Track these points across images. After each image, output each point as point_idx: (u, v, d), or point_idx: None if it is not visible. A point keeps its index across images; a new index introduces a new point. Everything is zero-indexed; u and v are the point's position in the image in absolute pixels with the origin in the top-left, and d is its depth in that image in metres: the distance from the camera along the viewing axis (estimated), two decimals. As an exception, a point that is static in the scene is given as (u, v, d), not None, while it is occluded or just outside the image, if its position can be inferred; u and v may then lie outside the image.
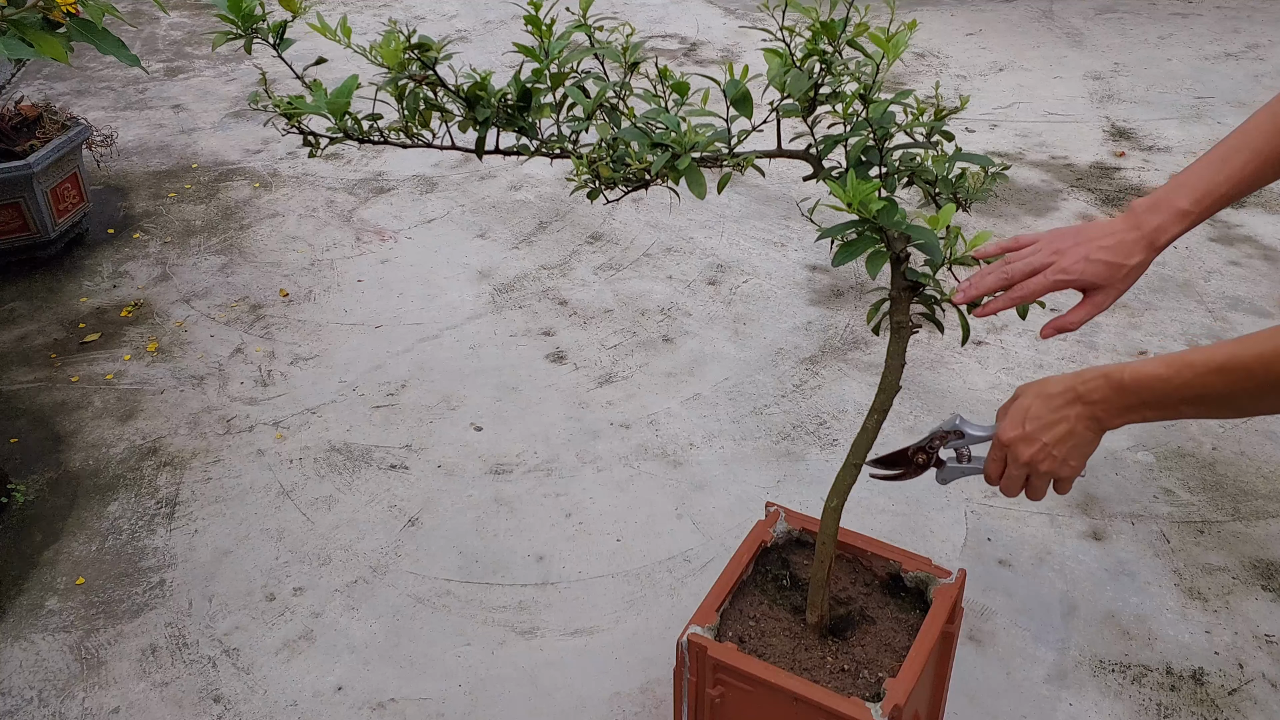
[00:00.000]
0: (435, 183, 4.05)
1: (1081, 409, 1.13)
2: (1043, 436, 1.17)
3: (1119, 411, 1.11)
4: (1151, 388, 1.07)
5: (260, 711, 2.00)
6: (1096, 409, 1.12)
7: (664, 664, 2.07)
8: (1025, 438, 1.18)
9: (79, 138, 3.44)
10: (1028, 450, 1.18)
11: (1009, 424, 1.20)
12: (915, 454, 1.40)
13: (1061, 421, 1.15)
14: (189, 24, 5.91)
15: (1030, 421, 1.18)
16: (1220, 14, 5.75)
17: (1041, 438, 1.17)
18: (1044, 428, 1.17)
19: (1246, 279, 3.32)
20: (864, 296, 3.28)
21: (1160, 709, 1.97)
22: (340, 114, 1.31)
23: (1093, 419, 1.13)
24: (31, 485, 2.56)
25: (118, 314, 3.25)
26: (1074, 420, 1.14)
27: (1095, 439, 1.16)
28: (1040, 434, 1.17)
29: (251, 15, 1.27)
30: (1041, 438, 1.17)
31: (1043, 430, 1.17)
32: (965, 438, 1.35)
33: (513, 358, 3.02)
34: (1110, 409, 1.11)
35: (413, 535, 2.40)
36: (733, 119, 1.30)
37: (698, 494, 2.50)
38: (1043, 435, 1.17)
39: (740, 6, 6.05)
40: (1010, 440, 1.20)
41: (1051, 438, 1.16)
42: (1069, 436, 1.15)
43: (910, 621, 1.56)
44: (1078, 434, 1.15)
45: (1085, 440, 1.15)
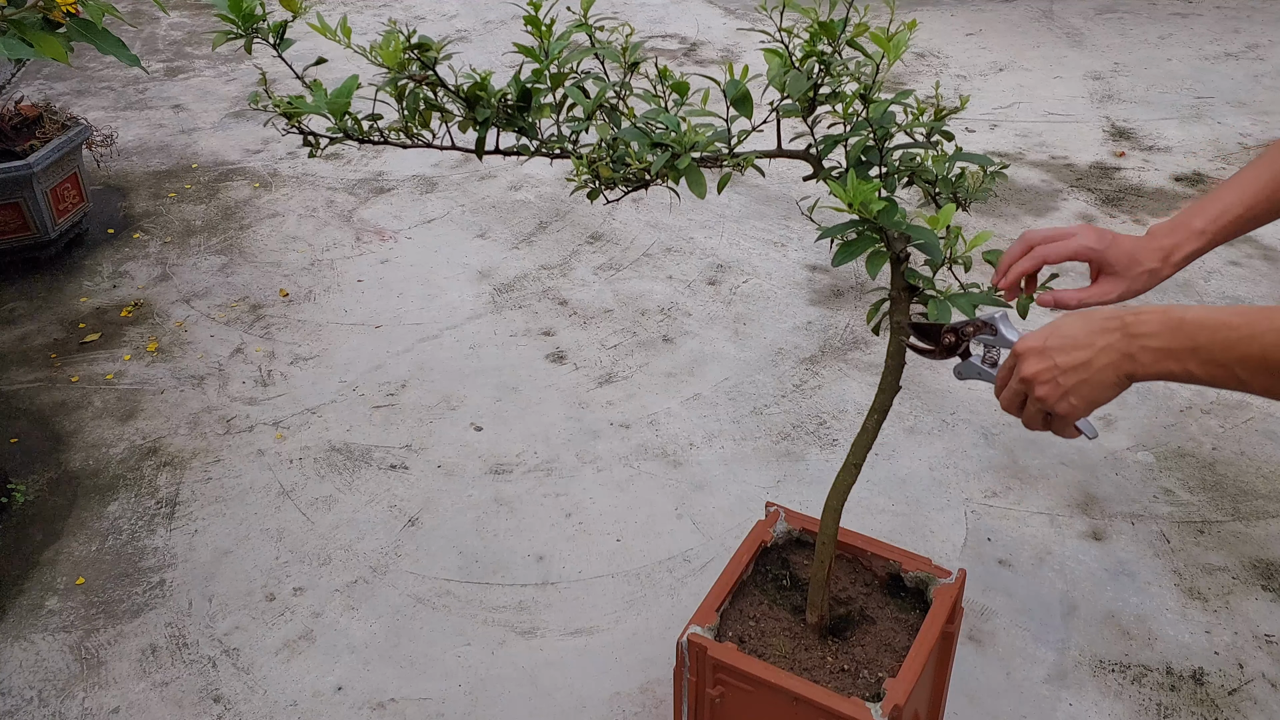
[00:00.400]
0: (435, 183, 4.05)
1: (1119, 339, 0.98)
2: (1057, 356, 1.02)
3: (1162, 355, 0.95)
4: (1214, 334, 0.91)
5: (260, 711, 2.00)
6: (1136, 343, 0.97)
7: (664, 664, 2.07)
8: (1039, 350, 1.03)
9: (79, 138, 3.44)
10: (1034, 365, 1.04)
11: (1033, 333, 1.06)
12: (947, 333, 1.28)
13: (1087, 348, 1.00)
14: (189, 24, 5.91)
15: (1055, 337, 1.03)
16: (1220, 14, 5.75)
17: (1055, 357, 1.02)
18: (1064, 347, 1.01)
19: (1246, 279, 3.32)
20: (864, 296, 3.28)
21: (1160, 709, 1.97)
22: (340, 114, 1.31)
23: (1125, 355, 0.98)
24: (31, 485, 2.56)
25: (118, 314, 3.25)
26: (1102, 350, 0.99)
27: (1114, 384, 1.00)
28: (1056, 353, 1.02)
29: (252, 15, 1.27)
30: (1055, 357, 1.02)
31: (1061, 350, 1.02)
32: (997, 336, 1.22)
33: (513, 358, 3.02)
34: (1153, 348, 0.96)
35: (413, 535, 2.40)
36: (733, 119, 1.30)
37: (698, 494, 2.50)
38: (1057, 355, 1.02)
39: (740, 6, 6.05)
40: (1024, 350, 1.05)
41: (1066, 361, 1.01)
42: (1084, 367, 1.00)
43: (910, 621, 1.56)
44: (1096, 369, 1.00)
45: (1101, 380, 1.00)
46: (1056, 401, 1.03)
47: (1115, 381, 1.00)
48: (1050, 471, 2.55)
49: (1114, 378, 0.99)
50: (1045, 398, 1.04)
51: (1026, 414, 1.09)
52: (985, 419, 2.72)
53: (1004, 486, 2.50)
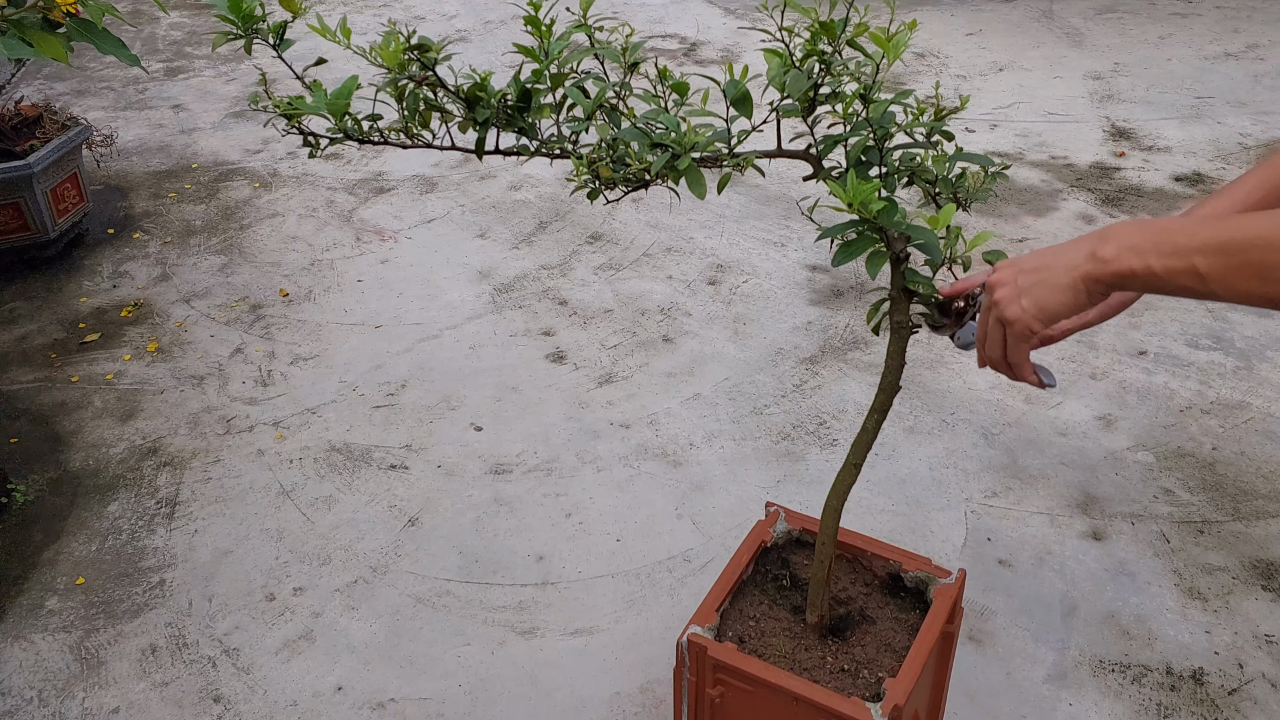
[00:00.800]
0: (435, 183, 4.05)
1: (1087, 241, 0.96)
2: (1023, 263, 0.99)
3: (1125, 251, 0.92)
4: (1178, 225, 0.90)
5: (260, 711, 2.00)
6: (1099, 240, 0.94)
7: (664, 664, 2.07)
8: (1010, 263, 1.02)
9: (79, 138, 3.44)
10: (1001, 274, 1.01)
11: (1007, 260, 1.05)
12: (956, 304, 1.26)
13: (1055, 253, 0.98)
14: (189, 24, 5.91)
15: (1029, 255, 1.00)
16: (1220, 14, 5.75)
17: (1021, 264, 0.99)
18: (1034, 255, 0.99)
19: (1246, 279, 3.31)
20: (864, 296, 3.28)
21: (1160, 709, 1.97)
22: (340, 115, 1.31)
23: (1088, 254, 0.95)
24: (31, 485, 2.56)
25: (118, 314, 3.25)
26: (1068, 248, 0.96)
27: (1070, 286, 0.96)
28: (1024, 260, 0.99)
29: (251, 16, 1.27)
30: (1021, 264, 0.99)
31: (1030, 258, 0.99)
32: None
33: (513, 358, 3.02)
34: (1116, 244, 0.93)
35: (413, 535, 2.40)
36: (732, 119, 1.30)
37: (698, 494, 2.50)
38: (1024, 262, 0.99)
39: (740, 6, 6.05)
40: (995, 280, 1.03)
41: (1030, 264, 0.98)
42: (1045, 268, 0.97)
43: (910, 621, 1.56)
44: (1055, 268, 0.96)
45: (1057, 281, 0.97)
46: (1009, 305, 1.00)
47: (1070, 283, 0.96)
48: (1050, 471, 2.55)
49: (1069, 279, 0.96)
50: (1000, 301, 1.01)
51: (990, 338, 1.06)
52: (985, 419, 2.72)
53: (1004, 486, 2.50)
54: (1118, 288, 0.94)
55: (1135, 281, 0.92)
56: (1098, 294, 0.96)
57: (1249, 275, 0.85)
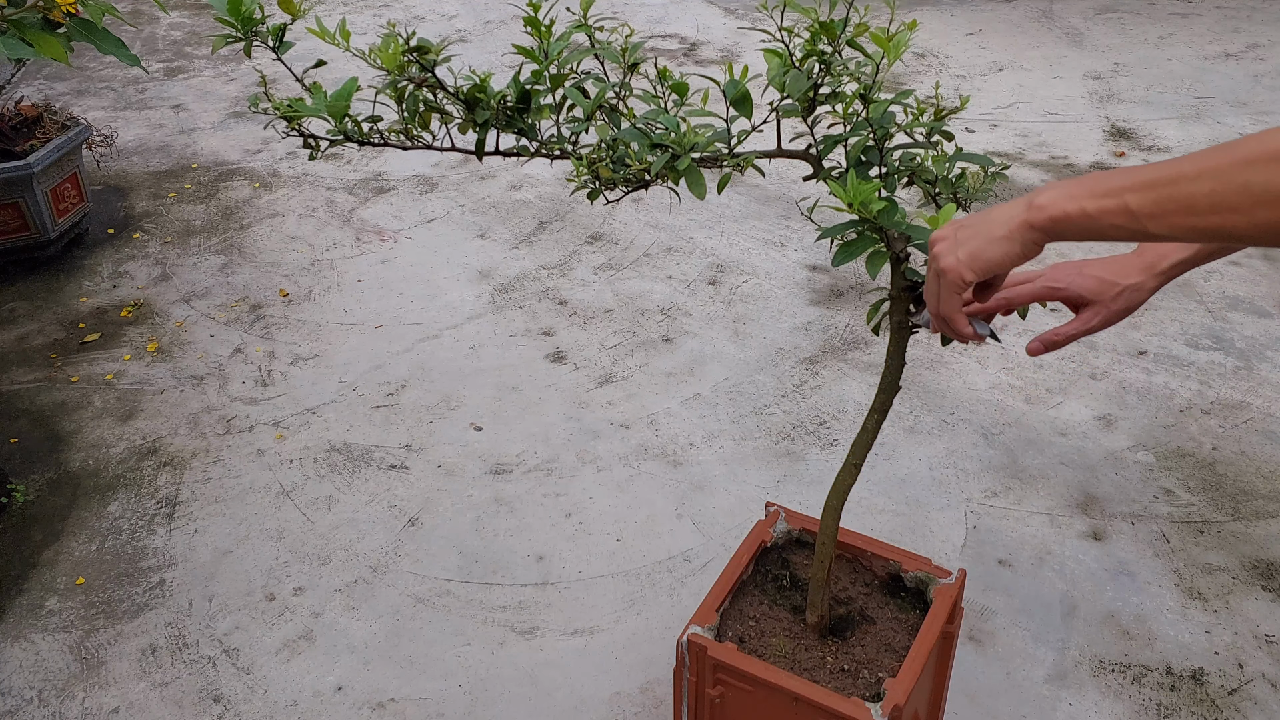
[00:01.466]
0: (435, 183, 4.05)
1: (1025, 197, 0.97)
2: (965, 220, 1.01)
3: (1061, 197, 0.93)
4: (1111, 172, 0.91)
5: (260, 711, 2.00)
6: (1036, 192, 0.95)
7: (664, 664, 2.07)
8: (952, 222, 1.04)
9: (79, 138, 3.44)
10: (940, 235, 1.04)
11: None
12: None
13: (994, 209, 0.99)
14: (189, 24, 5.91)
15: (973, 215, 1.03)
16: (1220, 14, 5.75)
17: (963, 221, 1.01)
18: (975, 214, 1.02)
19: (1246, 279, 3.32)
20: (864, 296, 3.28)
21: (1160, 709, 1.97)
22: (340, 116, 1.31)
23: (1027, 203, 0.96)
24: (31, 485, 2.56)
25: (118, 314, 3.25)
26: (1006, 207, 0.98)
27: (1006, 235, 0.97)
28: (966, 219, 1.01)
29: (251, 18, 1.27)
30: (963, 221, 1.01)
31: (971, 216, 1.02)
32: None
33: (513, 358, 3.02)
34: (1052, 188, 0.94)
35: (413, 535, 2.41)
36: (732, 119, 1.30)
37: (698, 494, 2.50)
38: (966, 219, 1.01)
39: (740, 6, 6.05)
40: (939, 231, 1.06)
41: (969, 220, 1.01)
42: (983, 221, 0.99)
43: (910, 621, 1.56)
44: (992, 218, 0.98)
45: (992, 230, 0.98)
46: (945, 256, 1.02)
47: (1006, 233, 0.97)
48: (1050, 471, 2.55)
49: (1005, 230, 0.97)
50: (939, 254, 1.03)
51: (928, 290, 1.07)
52: (985, 419, 2.72)
53: (1004, 486, 2.50)
54: (1055, 235, 0.95)
55: (1071, 226, 0.92)
56: (1033, 242, 0.96)
57: (1177, 209, 0.85)
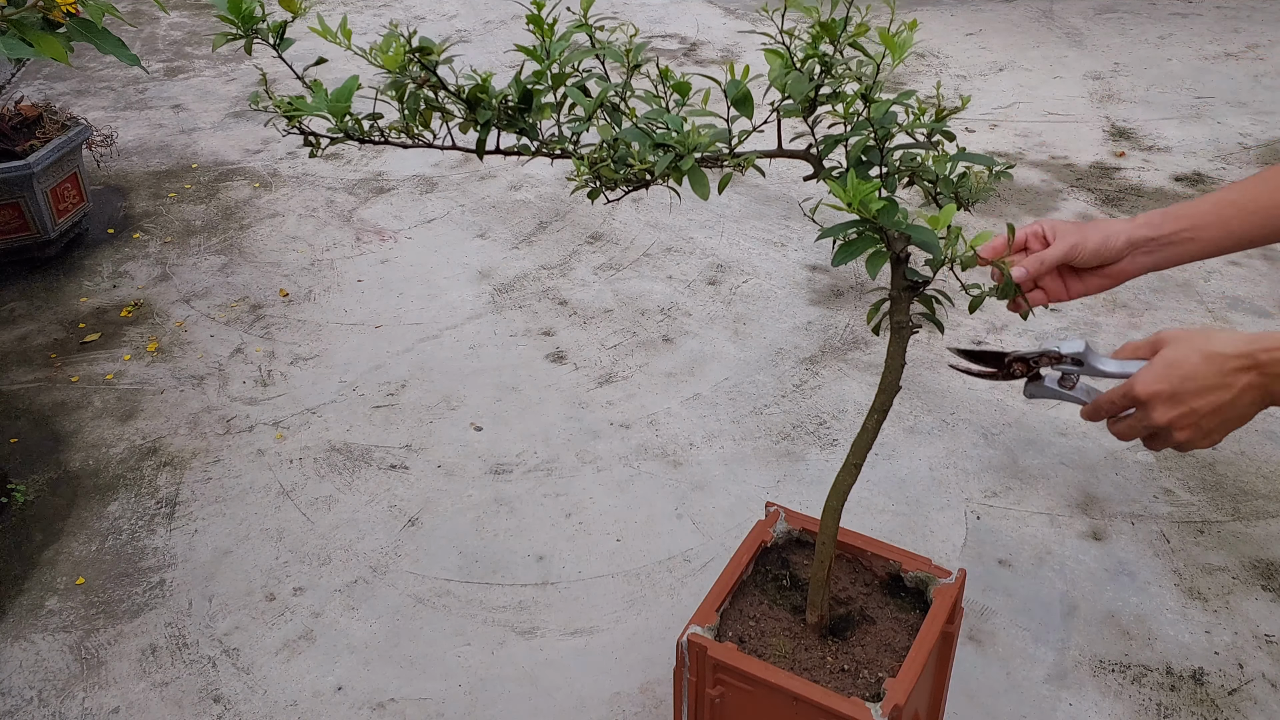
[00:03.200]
0: (435, 183, 4.05)
1: (1255, 378, 1.00)
2: (1193, 402, 1.02)
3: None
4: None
5: (260, 711, 2.00)
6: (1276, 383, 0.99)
7: (664, 664, 2.07)
8: (1171, 397, 1.03)
9: (79, 138, 3.44)
10: (1170, 412, 1.04)
11: (1154, 377, 1.05)
12: (1013, 362, 1.23)
13: (1225, 389, 1.01)
14: (189, 24, 5.91)
15: (1184, 380, 1.02)
16: (1220, 14, 5.75)
17: (1192, 403, 1.02)
18: (1199, 391, 1.02)
19: (1246, 279, 3.32)
20: (864, 296, 3.28)
21: (1160, 709, 1.97)
22: (341, 115, 1.31)
23: (1265, 392, 1.00)
24: (31, 485, 2.56)
25: (118, 314, 3.25)
26: (1240, 390, 1.00)
27: (1255, 413, 1.03)
28: (1192, 398, 1.02)
29: (251, 16, 1.27)
30: (1192, 403, 1.02)
31: (1197, 395, 1.02)
32: (1084, 367, 1.18)
33: (513, 358, 3.02)
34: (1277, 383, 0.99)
35: (413, 535, 2.41)
36: (733, 119, 1.30)
37: (698, 494, 2.50)
38: (1194, 400, 1.02)
39: (740, 6, 6.06)
40: (1149, 396, 1.05)
41: (1205, 405, 1.02)
42: (1228, 408, 1.02)
43: (910, 621, 1.56)
44: (1239, 407, 1.01)
45: (1244, 415, 1.02)
46: (1200, 442, 1.06)
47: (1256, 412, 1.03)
48: (1050, 471, 2.55)
49: (1254, 410, 1.03)
50: (1188, 441, 1.06)
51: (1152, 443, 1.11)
52: (985, 419, 2.72)
53: (1004, 486, 2.50)
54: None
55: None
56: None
57: None
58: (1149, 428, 1.08)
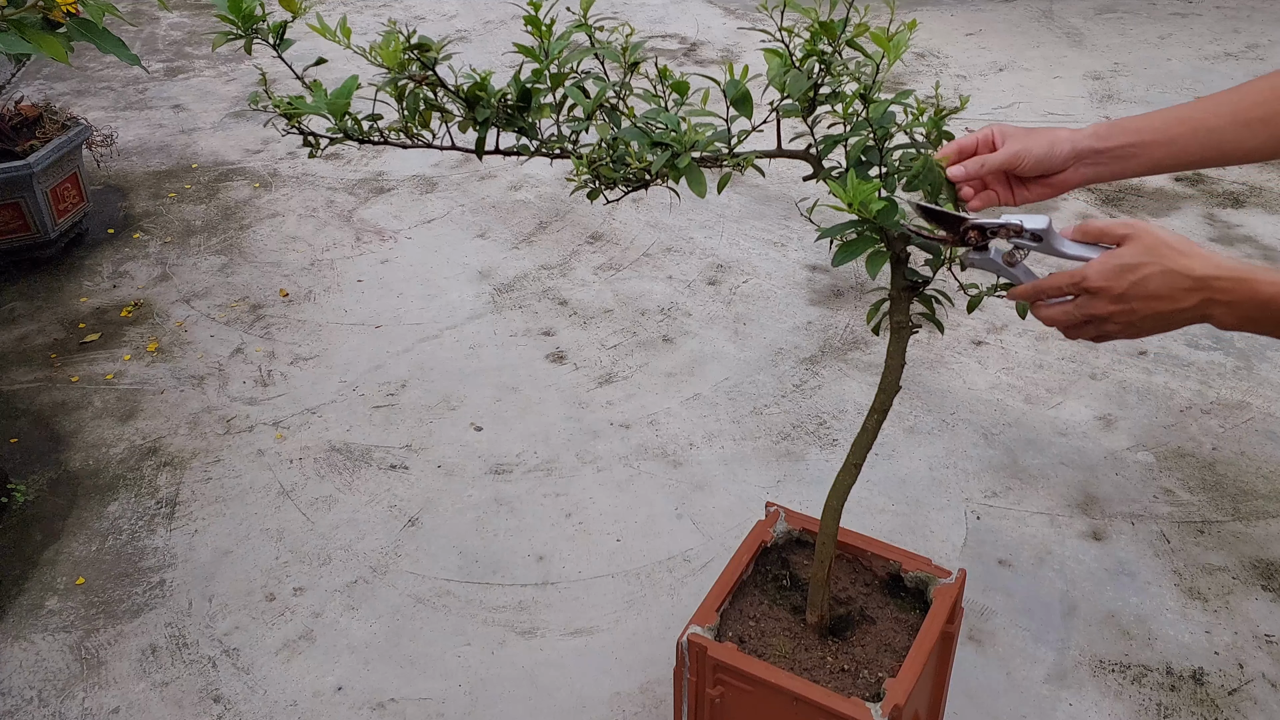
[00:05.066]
0: (435, 183, 4.05)
1: (1201, 300, 1.03)
2: (1135, 304, 1.06)
3: (1241, 320, 1.02)
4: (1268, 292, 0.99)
5: (260, 711, 2.00)
6: (1218, 309, 1.03)
7: (664, 664, 2.07)
8: (1116, 295, 1.07)
9: (79, 138, 3.44)
10: (1108, 307, 1.08)
11: (1108, 271, 1.07)
12: (969, 230, 1.20)
13: (1168, 301, 1.05)
14: (189, 24, 5.91)
15: (1136, 285, 1.06)
16: (1220, 14, 5.75)
17: (1134, 304, 1.06)
18: (1146, 298, 1.05)
19: (1246, 279, 3.32)
20: (864, 296, 3.28)
21: (1160, 709, 1.97)
22: (340, 114, 1.31)
23: (1205, 316, 1.04)
24: (31, 485, 2.56)
25: (118, 314, 3.25)
26: (1185, 307, 1.04)
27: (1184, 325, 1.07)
28: (1135, 301, 1.06)
29: (251, 16, 1.27)
30: (1134, 304, 1.06)
31: (1144, 300, 1.06)
32: (1042, 244, 1.16)
33: (513, 358, 3.02)
34: (1234, 313, 1.02)
35: (413, 535, 2.40)
36: (733, 119, 1.30)
37: (698, 494, 2.50)
38: (1136, 303, 1.06)
39: (740, 6, 6.06)
40: (1099, 289, 1.08)
41: (1145, 310, 1.06)
42: (1162, 317, 1.06)
43: (910, 621, 1.56)
44: (1175, 320, 1.06)
45: (1175, 324, 1.06)
46: (1123, 332, 1.10)
47: (1190, 324, 1.06)
48: (1050, 471, 2.55)
49: (1186, 325, 1.06)
50: (1115, 332, 1.10)
51: (1078, 330, 1.13)
52: (985, 419, 2.72)
53: (1004, 486, 2.50)
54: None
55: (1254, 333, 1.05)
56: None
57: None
58: (1085, 315, 1.10)
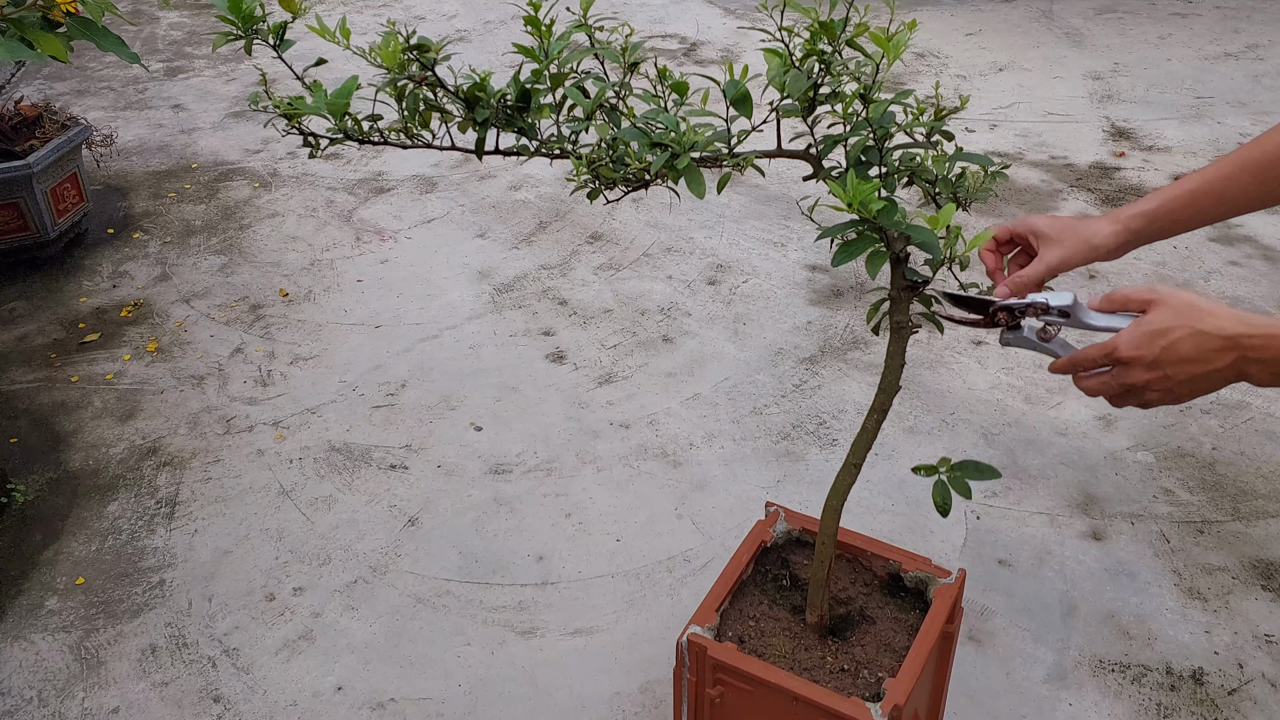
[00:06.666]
0: (435, 183, 4.05)
1: (1234, 359, 1.03)
2: (1169, 369, 1.06)
3: (1276, 376, 1.02)
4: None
5: (260, 711, 2.00)
6: (1253, 366, 1.03)
7: (664, 664, 2.07)
8: (1150, 363, 1.07)
9: (79, 138, 3.44)
10: (1144, 375, 1.07)
11: (1137, 340, 1.08)
12: (998, 311, 1.23)
13: (1202, 364, 1.05)
14: (189, 24, 5.91)
15: (1167, 351, 1.06)
16: (1220, 14, 5.75)
17: (1167, 369, 1.06)
18: (1178, 362, 1.05)
19: (1246, 279, 3.32)
20: (864, 296, 3.28)
21: (1160, 709, 1.97)
22: (340, 115, 1.31)
23: (1240, 374, 1.04)
24: (31, 485, 2.56)
25: (118, 314, 3.25)
26: (1219, 368, 1.04)
27: (1225, 385, 1.06)
28: (1170, 367, 1.06)
29: (251, 16, 1.27)
30: (1167, 369, 1.06)
31: (1176, 365, 1.06)
32: (1070, 319, 1.19)
33: (513, 358, 3.02)
34: (1270, 370, 1.02)
35: (413, 535, 2.40)
36: (732, 119, 1.30)
37: (698, 494, 2.50)
38: (1169, 368, 1.06)
39: (740, 6, 6.05)
40: (1131, 359, 1.08)
41: (1181, 374, 1.06)
42: (1202, 379, 1.05)
43: (910, 621, 1.56)
44: (1213, 379, 1.05)
45: (1215, 385, 1.06)
46: (1164, 398, 1.09)
47: (1225, 385, 1.07)
48: (1050, 471, 2.55)
49: (1226, 384, 1.07)
50: (1155, 401, 1.10)
51: (1122, 400, 1.14)
52: (985, 419, 2.72)
53: (1004, 486, 2.50)
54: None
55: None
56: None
57: None
58: (1123, 385, 1.11)
